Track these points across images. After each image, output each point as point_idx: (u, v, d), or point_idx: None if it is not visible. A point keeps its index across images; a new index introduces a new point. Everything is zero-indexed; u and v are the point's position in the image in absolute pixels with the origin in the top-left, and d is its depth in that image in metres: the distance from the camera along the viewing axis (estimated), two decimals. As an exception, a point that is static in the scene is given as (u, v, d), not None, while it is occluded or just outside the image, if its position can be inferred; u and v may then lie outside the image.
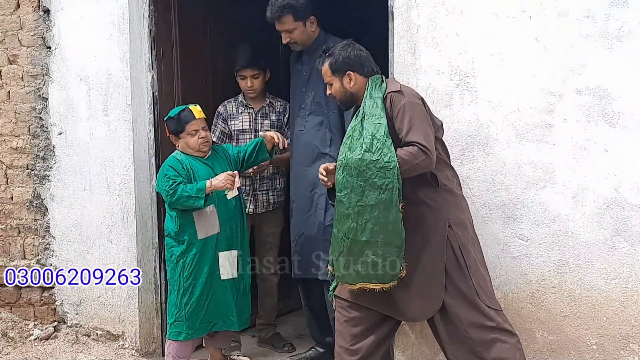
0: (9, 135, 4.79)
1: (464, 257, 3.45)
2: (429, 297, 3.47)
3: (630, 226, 3.73)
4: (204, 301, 3.99)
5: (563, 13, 3.73)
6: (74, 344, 4.69)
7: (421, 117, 3.39)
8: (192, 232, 3.98)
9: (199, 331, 4.04)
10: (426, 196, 3.47)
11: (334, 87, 3.64)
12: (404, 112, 3.38)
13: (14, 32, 4.73)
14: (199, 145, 4.02)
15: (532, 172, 3.83)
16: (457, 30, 3.87)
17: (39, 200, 4.76)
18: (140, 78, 4.51)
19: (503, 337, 3.42)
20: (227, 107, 4.61)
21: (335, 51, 3.64)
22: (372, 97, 3.48)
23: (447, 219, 3.47)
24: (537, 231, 3.85)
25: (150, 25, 4.50)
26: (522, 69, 3.81)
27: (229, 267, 4.04)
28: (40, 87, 4.69)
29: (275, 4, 4.11)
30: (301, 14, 4.13)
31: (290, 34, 4.17)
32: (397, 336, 4.04)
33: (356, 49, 3.65)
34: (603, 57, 3.70)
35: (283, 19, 4.12)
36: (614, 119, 3.71)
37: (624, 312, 3.77)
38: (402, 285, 3.43)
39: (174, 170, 3.96)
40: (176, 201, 3.90)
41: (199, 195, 3.85)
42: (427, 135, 3.34)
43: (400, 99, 3.43)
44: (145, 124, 4.54)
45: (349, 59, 3.60)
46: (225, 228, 4.04)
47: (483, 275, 3.52)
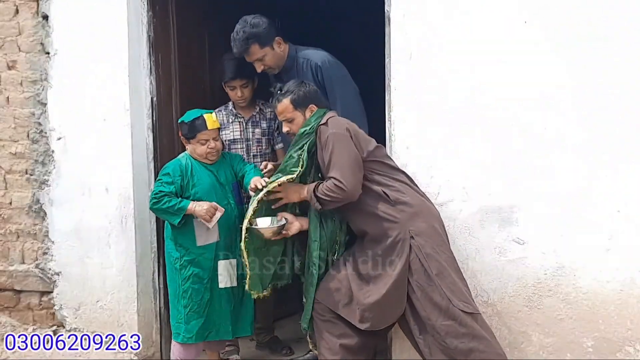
0: (8, 140, 4.80)
1: (430, 266, 3.53)
2: (389, 307, 3.60)
3: (626, 229, 3.76)
4: (203, 308, 4.01)
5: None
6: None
7: (342, 151, 3.58)
8: (192, 238, 4.00)
9: (197, 337, 4.03)
10: (384, 212, 3.62)
11: (295, 122, 3.80)
12: (327, 145, 3.62)
13: (13, 37, 4.74)
14: (206, 155, 4.03)
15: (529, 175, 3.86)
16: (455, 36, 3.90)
17: (38, 205, 4.76)
18: (139, 83, 4.53)
19: (480, 345, 3.48)
20: (217, 116, 4.38)
21: (292, 88, 3.81)
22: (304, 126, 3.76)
23: (408, 230, 3.57)
24: (533, 234, 3.87)
25: (148, 31, 4.52)
26: (519, 75, 3.84)
27: (227, 276, 4.04)
28: (40, 92, 4.70)
29: (238, 38, 4.12)
30: (266, 39, 4.16)
31: (262, 62, 4.21)
32: (395, 339, 4.06)
33: (307, 84, 3.85)
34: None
35: (250, 50, 4.15)
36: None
37: (620, 314, 3.79)
38: (365, 293, 3.60)
39: (170, 177, 3.99)
40: (156, 210, 4.02)
41: (176, 214, 3.92)
42: (343, 170, 3.55)
43: (325, 131, 3.65)
44: (144, 129, 4.56)
45: (309, 92, 3.80)
46: (225, 237, 4.05)
47: (453, 280, 3.56)
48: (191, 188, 4.01)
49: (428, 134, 3.96)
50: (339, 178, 3.54)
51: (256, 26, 4.13)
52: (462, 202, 3.94)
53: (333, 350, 3.70)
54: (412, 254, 3.54)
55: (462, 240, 3.94)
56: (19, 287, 4.86)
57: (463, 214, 3.94)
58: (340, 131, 3.62)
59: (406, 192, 3.67)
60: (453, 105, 3.92)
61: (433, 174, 3.95)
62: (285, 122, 3.84)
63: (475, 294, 3.92)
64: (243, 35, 4.11)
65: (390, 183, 3.67)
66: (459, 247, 3.92)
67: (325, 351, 3.73)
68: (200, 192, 4.00)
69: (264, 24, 4.15)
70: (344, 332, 3.71)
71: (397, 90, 3.99)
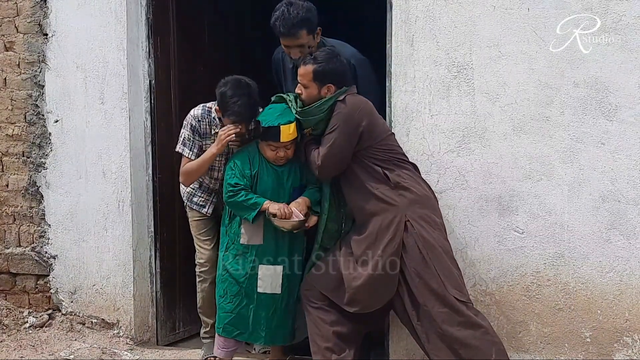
0: (5, 122, 4.77)
1: (428, 253, 3.53)
2: (378, 290, 3.61)
3: (626, 219, 3.74)
4: (233, 306, 3.91)
5: (561, 6, 3.73)
6: (69, 331, 4.69)
7: (340, 135, 3.61)
8: (238, 233, 3.91)
9: (224, 330, 3.96)
10: (384, 194, 3.62)
11: (308, 92, 3.73)
12: (334, 119, 3.62)
13: (11, 18, 4.70)
14: (274, 160, 3.89)
15: (529, 164, 3.84)
16: (455, 21, 3.87)
17: (35, 187, 4.74)
18: (137, 66, 4.50)
19: (477, 333, 3.47)
20: (201, 124, 4.07)
21: (322, 58, 3.71)
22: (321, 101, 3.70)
23: (405, 214, 3.57)
24: (532, 224, 3.86)
25: (147, 14, 4.48)
26: (520, 62, 3.81)
27: (269, 282, 3.89)
28: (37, 74, 4.66)
29: (289, 18, 3.84)
30: (314, 27, 3.94)
31: (302, 49, 3.94)
32: (392, 327, 4.05)
33: (340, 61, 3.75)
34: (601, 50, 3.70)
35: (299, 34, 3.88)
36: (611, 112, 3.72)
37: (618, 305, 3.78)
38: (357, 275, 3.60)
39: (240, 169, 3.85)
40: (231, 203, 3.85)
41: (251, 208, 3.77)
42: (328, 152, 3.63)
43: (340, 107, 3.63)
44: (142, 113, 4.52)
45: (334, 71, 3.71)
46: (270, 242, 3.89)
47: (449, 268, 3.56)
48: (256, 184, 3.88)
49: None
50: (321, 156, 3.64)
51: (309, 11, 3.89)
52: (461, 190, 3.91)
53: (325, 337, 3.69)
54: (409, 240, 3.54)
55: (461, 229, 3.93)
56: (15, 270, 4.86)
57: (462, 202, 3.92)
58: (352, 113, 3.61)
59: (408, 179, 3.65)
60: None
61: (433, 161, 3.94)
62: (301, 85, 3.75)
63: (473, 283, 3.92)
64: (297, 18, 3.83)
65: (394, 169, 3.65)
66: (458, 236, 3.91)
67: (317, 338, 3.72)
68: (260, 190, 3.87)
69: (315, 11, 3.93)
70: (336, 319, 3.70)
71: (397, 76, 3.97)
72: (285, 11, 3.85)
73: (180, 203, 4.38)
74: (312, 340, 3.77)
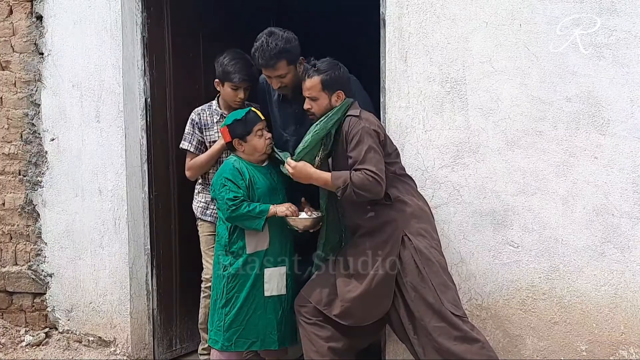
0: (1, 141, 4.79)
1: (425, 267, 3.53)
2: (372, 303, 3.61)
3: (620, 233, 3.76)
4: (243, 316, 3.87)
5: (553, 22, 3.76)
6: (66, 350, 4.68)
7: (374, 147, 3.54)
8: (242, 245, 3.87)
9: (236, 345, 3.89)
10: (381, 210, 3.61)
11: (319, 103, 3.71)
12: (357, 137, 3.56)
13: (7, 38, 4.73)
14: (266, 147, 3.91)
15: (523, 179, 3.86)
16: (448, 38, 3.90)
17: (31, 206, 4.75)
18: (133, 85, 4.52)
19: (473, 347, 3.47)
20: (202, 115, 4.32)
21: (326, 67, 3.70)
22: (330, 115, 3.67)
23: (403, 229, 3.58)
24: (527, 238, 3.87)
25: (143, 32, 4.51)
26: (513, 77, 3.84)
27: (275, 284, 3.90)
28: (33, 93, 4.69)
29: (268, 50, 3.81)
30: (295, 57, 3.91)
31: (282, 79, 3.92)
32: (388, 341, 4.05)
33: (343, 68, 3.76)
34: (593, 64, 3.74)
35: (278, 65, 3.85)
36: (604, 126, 3.75)
37: (614, 318, 3.79)
38: (352, 288, 3.61)
39: (233, 182, 3.82)
40: (235, 218, 3.80)
41: (259, 217, 3.77)
42: (378, 165, 3.51)
43: (357, 123, 3.59)
44: (138, 131, 4.54)
45: (341, 78, 3.72)
46: (275, 244, 3.90)
47: (446, 282, 3.56)
48: (253, 191, 3.87)
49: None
50: (377, 172, 3.48)
51: (289, 42, 3.85)
52: (456, 204, 3.93)
53: (321, 353, 3.69)
54: (405, 254, 3.54)
55: (456, 243, 3.94)
56: (12, 288, 4.86)
57: (457, 217, 3.94)
58: (373, 127, 3.59)
59: (407, 194, 3.66)
60: (448, 108, 3.92)
61: (427, 176, 3.95)
62: (309, 99, 3.73)
63: (469, 297, 3.93)
64: (275, 49, 3.80)
65: (394, 183, 3.65)
66: (453, 250, 3.93)
67: (312, 354, 3.72)
68: (258, 195, 3.88)
69: (296, 41, 3.90)
70: (331, 334, 3.71)
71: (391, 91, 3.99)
72: (264, 42, 3.83)
73: (178, 220, 4.38)
74: (307, 356, 3.76)
